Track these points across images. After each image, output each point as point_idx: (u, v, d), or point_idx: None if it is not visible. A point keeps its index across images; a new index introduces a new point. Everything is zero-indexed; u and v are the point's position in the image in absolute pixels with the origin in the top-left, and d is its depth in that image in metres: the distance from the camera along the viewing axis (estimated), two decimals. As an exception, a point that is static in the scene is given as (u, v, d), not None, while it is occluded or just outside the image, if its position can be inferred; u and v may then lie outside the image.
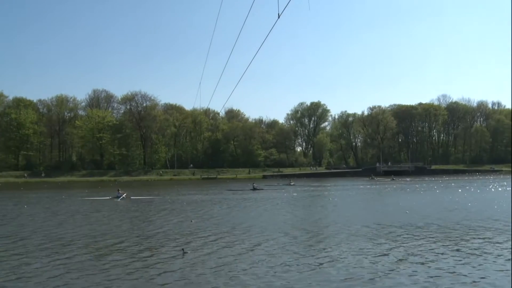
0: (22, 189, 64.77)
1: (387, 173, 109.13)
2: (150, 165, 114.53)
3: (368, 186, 63.14)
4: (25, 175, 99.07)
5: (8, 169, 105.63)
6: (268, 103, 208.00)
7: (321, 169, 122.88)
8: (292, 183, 67.36)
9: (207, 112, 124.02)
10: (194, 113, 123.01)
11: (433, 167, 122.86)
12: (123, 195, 41.06)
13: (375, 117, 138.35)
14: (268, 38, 11.90)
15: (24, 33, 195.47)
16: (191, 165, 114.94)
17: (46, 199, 43.17)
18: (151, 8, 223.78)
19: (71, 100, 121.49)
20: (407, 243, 16.90)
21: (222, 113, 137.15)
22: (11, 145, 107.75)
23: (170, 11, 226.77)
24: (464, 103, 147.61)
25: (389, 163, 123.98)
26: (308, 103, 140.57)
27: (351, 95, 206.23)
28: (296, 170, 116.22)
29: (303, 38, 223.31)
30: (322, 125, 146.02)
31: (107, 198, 41.53)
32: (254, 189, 52.89)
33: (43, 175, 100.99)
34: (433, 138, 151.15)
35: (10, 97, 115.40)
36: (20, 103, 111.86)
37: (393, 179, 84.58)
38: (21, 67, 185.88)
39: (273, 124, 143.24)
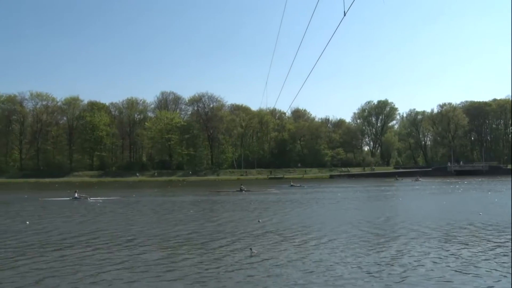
0: (96, 188, 66.78)
1: (459, 173, 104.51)
2: (217, 165, 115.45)
3: (381, 189, 58.35)
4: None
5: (84, 169, 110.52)
6: (335, 102, 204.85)
7: (389, 169, 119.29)
8: (292, 184, 65.97)
9: (273, 112, 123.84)
10: (260, 113, 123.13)
11: (510, 166, 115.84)
12: (80, 196, 40.78)
13: (446, 115, 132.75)
14: (334, 36, 11.49)
15: (97, 41, 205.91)
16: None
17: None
18: (216, 11, 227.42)
19: (140, 102, 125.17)
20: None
21: (288, 113, 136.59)
22: (87, 146, 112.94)
23: (235, 13, 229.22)
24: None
25: (461, 163, 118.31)
26: (375, 101, 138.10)
27: (420, 92, 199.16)
28: (361, 170, 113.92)
29: (369, 35, 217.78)
30: (390, 124, 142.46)
31: (67, 199, 40.84)
32: (241, 191, 50.95)
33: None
34: (509, 135, 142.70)
35: (85, 101, 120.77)
36: (94, 107, 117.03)
37: (417, 180, 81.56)
38: (94, 72, 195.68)
39: (340, 123, 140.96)
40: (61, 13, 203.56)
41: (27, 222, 23.28)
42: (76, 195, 41.29)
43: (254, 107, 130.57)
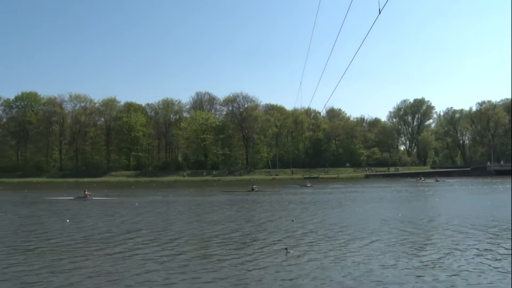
0: (133, 187, 67.75)
1: (499, 173, 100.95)
2: (252, 165, 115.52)
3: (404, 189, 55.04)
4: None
5: (121, 169, 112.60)
6: (370, 100, 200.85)
7: (426, 168, 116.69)
8: (308, 185, 64.23)
9: (308, 111, 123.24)
10: (295, 113, 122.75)
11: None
12: (89, 195, 40.08)
13: (485, 113, 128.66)
14: (368, 34, 11.30)
15: (133, 43, 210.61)
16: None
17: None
18: (250, 10, 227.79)
19: (176, 103, 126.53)
20: None
21: (323, 113, 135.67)
22: (123, 146, 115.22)
23: (269, 12, 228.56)
24: None
25: (502, 162, 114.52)
26: (411, 100, 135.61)
27: (457, 90, 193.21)
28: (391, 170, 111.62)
29: (404, 32, 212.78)
30: (427, 123, 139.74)
31: (71, 198, 40.13)
32: (253, 190, 49.89)
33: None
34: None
35: (122, 102, 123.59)
36: (130, 108, 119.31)
37: (437, 180, 78.62)
38: (131, 74, 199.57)
39: (375, 122, 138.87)
40: (96, 16, 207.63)
41: (68, 221, 23.42)
42: (84, 194, 40.45)
43: (289, 106, 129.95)
